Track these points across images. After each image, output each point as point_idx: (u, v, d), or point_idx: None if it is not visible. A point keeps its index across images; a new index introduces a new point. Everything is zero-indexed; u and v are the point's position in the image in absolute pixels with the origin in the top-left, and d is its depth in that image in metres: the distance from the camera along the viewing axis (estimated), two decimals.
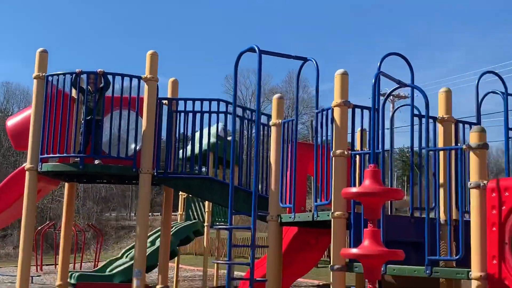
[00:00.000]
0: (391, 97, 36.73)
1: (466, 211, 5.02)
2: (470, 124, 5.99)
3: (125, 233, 42.28)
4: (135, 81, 7.12)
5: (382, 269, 4.81)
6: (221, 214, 16.38)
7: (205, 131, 8.03)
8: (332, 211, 5.34)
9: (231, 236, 5.44)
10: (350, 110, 5.62)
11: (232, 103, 6.10)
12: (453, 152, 5.29)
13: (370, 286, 3.98)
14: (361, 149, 6.39)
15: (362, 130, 6.41)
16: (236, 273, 13.09)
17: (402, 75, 5.49)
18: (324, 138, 5.76)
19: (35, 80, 7.01)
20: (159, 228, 13.16)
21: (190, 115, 7.37)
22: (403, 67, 5.59)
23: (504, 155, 5.91)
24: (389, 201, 6.15)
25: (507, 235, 4.06)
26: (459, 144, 5.62)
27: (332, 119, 5.52)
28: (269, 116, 7.08)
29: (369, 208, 4.12)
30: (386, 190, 4.11)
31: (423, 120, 5.36)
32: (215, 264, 18.04)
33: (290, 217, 6.05)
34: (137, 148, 7.02)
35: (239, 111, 7.68)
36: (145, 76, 6.99)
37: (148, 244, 10.70)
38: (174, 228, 14.42)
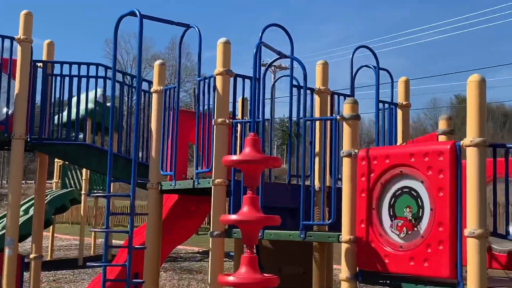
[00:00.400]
0: (273, 67, 37.48)
1: (339, 179, 5.31)
2: (345, 96, 6.28)
3: None
4: (7, 42, 6.71)
5: (260, 234, 4.98)
6: (99, 182, 16.03)
7: (83, 96, 7.76)
8: (213, 178, 5.41)
9: (109, 204, 5.36)
10: (232, 79, 5.69)
11: (111, 68, 5.93)
12: (328, 122, 5.53)
13: (248, 251, 4.11)
14: (242, 118, 6.50)
15: (244, 99, 6.51)
16: (115, 242, 12.93)
17: (283, 46, 5.63)
18: (206, 106, 5.79)
19: None
20: (33, 196, 12.67)
21: (67, 79, 7.09)
22: (284, 39, 5.73)
23: (375, 126, 6.27)
24: (268, 169, 6.35)
25: (375, 201, 4.34)
26: (334, 115, 5.88)
27: (214, 88, 5.56)
28: (150, 83, 6.98)
29: (248, 175, 4.24)
30: (265, 158, 4.24)
31: (302, 91, 5.54)
32: (93, 233, 17.69)
33: (170, 185, 6.06)
34: (9, 112, 6.66)
35: (119, 77, 7.49)
36: (18, 37, 6.60)
37: (21, 213, 10.27)
38: (49, 196, 13.92)
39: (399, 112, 6.53)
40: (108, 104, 10.01)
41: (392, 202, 4.24)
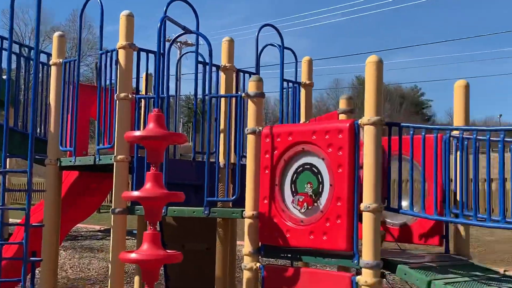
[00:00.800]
0: (178, 43, 36.99)
1: (244, 156, 5.36)
2: (250, 73, 6.32)
3: None
4: None
5: (163, 210, 4.95)
6: None
7: None
8: (115, 154, 5.31)
9: (5, 180, 5.13)
10: (135, 54, 5.57)
11: (8, 39, 5.63)
12: (233, 99, 5.56)
13: (151, 227, 4.08)
14: (146, 94, 6.39)
15: (147, 74, 6.40)
16: (12, 220, 12.40)
17: (189, 23, 5.57)
18: (108, 81, 5.64)
19: None
20: None
21: None
22: (190, 15, 5.66)
23: (279, 104, 6.38)
24: (173, 146, 6.31)
25: (277, 177, 4.44)
26: (239, 92, 5.91)
27: (117, 61, 5.42)
28: (49, 55, 6.69)
29: (151, 151, 4.19)
30: (168, 134, 4.21)
31: (207, 67, 5.53)
32: None
33: (70, 161, 5.88)
34: None
35: (15, 48, 7.12)
36: None
37: None
38: None
39: (302, 91, 6.67)
40: (4, 77, 9.51)
41: (294, 178, 4.36)
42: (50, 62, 6.15)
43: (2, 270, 5.28)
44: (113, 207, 5.29)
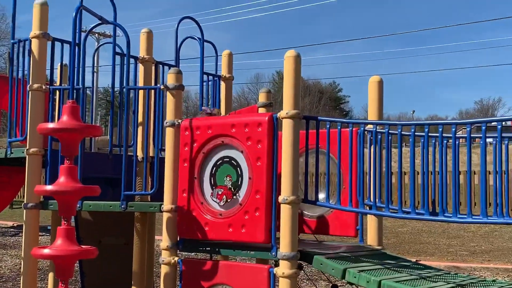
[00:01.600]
0: (96, 34, 36.07)
1: (163, 149, 5.30)
2: (169, 66, 6.25)
3: None
4: None
5: (78, 205, 4.82)
6: None
7: None
8: (27, 147, 5.11)
9: None
10: (49, 44, 5.38)
11: None
12: (152, 92, 5.48)
13: (65, 223, 3.96)
14: (61, 85, 6.19)
15: (62, 65, 6.19)
16: None
17: (107, 13, 5.43)
18: (20, 71, 5.42)
19: None
20: None
21: None
22: (108, 5, 5.52)
23: (199, 97, 6.35)
24: (90, 139, 6.15)
25: (197, 170, 4.42)
26: (158, 85, 5.83)
27: (30, 51, 5.22)
28: None
29: (66, 144, 4.07)
30: (83, 126, 4.09)
31: (125, 59, 5.41)
32: None
33: None
34: None
35: None
36: None
37: None
38: None
39: (223, 85, 6.67)
40: None
41: (213, 171, 4.35)
42: None
43: None
44: (25, 202, 5.10)
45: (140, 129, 5.64)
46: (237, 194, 4.22)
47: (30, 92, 5.16)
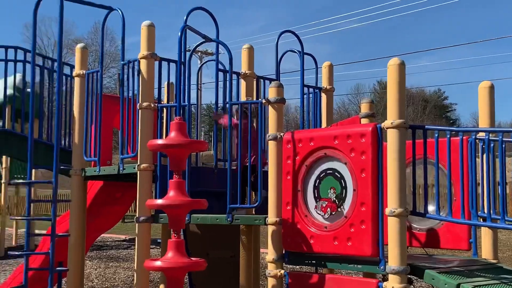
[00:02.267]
0: (199, 53, 37.20)
1: (266, 162, 5.35)
2: (270, 80, 6.32)
3: None
4: None
5: (187, 218, 4.96)
6: (20, 170, 15.49)
7: (1, 81, 7.44)
8: (138, 163, 5.33)
9: (30, 191, 5.19)
10: (157, 63, 5.61)
11: (31, 51, 5.71)
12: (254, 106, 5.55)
13: (175, 235, 4.09)
14: (168, 103, 6.43)
15: (169, 84, 6.43)
16: (38, 231, 12.54)
17: (209, 31, 5.60)
18: (130, 91, 5.69)
19: None
20: None
21: None
22: (210, 23, 5.69)
23: (300, 110, 6.36)
24: (196, 154, 6.33)
25: (300, 183, 4.42)
26: (259, 99, 5.91)
27: (139, 71, 5.46)
28: (72, 67, 6.77)
29: (174, 159, 4.20)
30: (190, 141, 4.22)
31: (227, 75, 5.53)
32: (14, 223, 17.08)
33: (95, 171, 5.92)
34: None
35: (39, 61, 7.22)
36: None
37: None
38: None
39: (323, 97, 6.65)
40: (28, 89, 9.65)
41: (316, 184, 4.33)
42: (73, 74, 6.22)
43: (29, 280, 5.32)
44: (137, 216, 5.31)
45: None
46: (342, 207, 4.16)
47: (139, 110, 5.39)
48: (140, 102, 5.40)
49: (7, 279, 8.63)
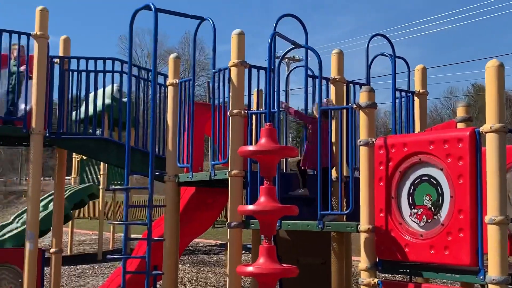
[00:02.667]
0: (286, 60, 37.32)
1: (356, 168, 5.27)
2: (360, 85, 6.23)
3: (14, 199, 40.51)
4: (23, 38, 6.74)
5: (277, 224, 4.97)
6: (116, 176, 16.14)
7: (100, 91, 7.79)
8: (229, 169, 5.41)
9: (128, 196, 5.39)
10: (246, 70, 5.68)
11: (127, 62, 5.95)
12: (344, 111, 5.50)
13: (266, 241, 4.10)
14: (257, 109, 6.49)
15: (259, 91, 6.50)
16: (134, 236, 13.00)
17: (297, 37, 5.60)
18: (221, 98, 5.79)
19: None
20: (52, 192, 12.76)
21: (83, 75, 7.12)
22: (297, 30, 5.71)
23: (391, 115, 6.23)
24: (284, 160, 6.34)
25: (393, 190, 4.32)
26: (349, 104, 5.84)
27: (229, 79, 5.55)
28: (165, 76, 6.99)
29: (265, 165, 4.23)
30: (281, 147, 4.23)
31: (317, 80, 5.51)
32: (111, 227, 17.83)
33: (187, 177, 6.07)
34: (27, 108, 6.71)
35: (134, 71, 7.51)
36: (35, 33, 6.63)
37: (41, 209, 10.36)
38: (68, 191, 14.04)
39: (416, 101, 6.48)
40: (125, 99, 10.06)
41: (411, 190, 4.22)
42: (167, 83, 6.42)
43: (126, 283, 5.52)
44: (228, 221, 5.39)
45: (333, 149, 5.68)
46: (438, 214, 4.03)
47: (230, 117, 5.48)
48: (230, 109, 5.49)
49: (105, 281, 9.01)
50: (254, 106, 6.86)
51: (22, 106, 6.77)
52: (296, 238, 6.45)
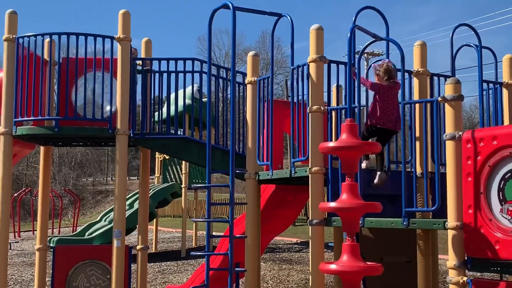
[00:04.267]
0: (365, 55, 36.73)
1: (442, 164, 5.09)
2: (445, 77, 6.02)
3: (102, 198, 42.22)
4: (107, 42, 6.98)
5: (360, 221, 4.88)
6: (197, 175, 16.46)
7: (180, 92, 7.95)
8: (310, 166, 5.37)
9: (210, 194, 5.46)
10: (325, 66, 5.61)
11: (207, 62, 6.03)
12: (428, 105, 5.33)
13: (349, 239, 4.03)
14: (337, 105, 6.40)
15: (338, 86, 6.41)
16: (215, 233, 13.20)
17: (376, 30, 5.48)
18: (300, 95, 5.75)
19: (5, 43, 6.84)
20: (137, 191, 13.19)
21: (165, 76, 7.28)
22: (377, 23, 5.57)
23: (479, 107, 5.98)
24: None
25: (482, 185, 4.14)
26: (433, 97, 5.65)
27: (308, 75, 5.50)
28: (244, 75, 7.03)
29: (346, 162, 4.16)
30: (362, 143, 4.15)
31: (399, 73, 5.36)
32: (194, 225, 18.20)
33: (268, 174, 6.08)
34: (113, 109, 6.94)
35: (214, 71, 7.60)
36: (118, 36, 6.85)
37: (127, 207, 10.72)
38: (151, 190, 14.47)
39: (505, 92, 6.19)
40: (205, 99, 10.22)
41: (501, 186, 4.03)
42: (246, 81, 6.45)
43: (210, 279, 5.59)
44: (310, 219, 5.34)
45: (417, 143, 5.52)
46: None
47: (310, 114, 5.43)
48: (310, 105, 5.44)
49: (190, 278, 9.18)
50: (333, 102, 6.78)
51: (107, 107, 7.01)
52: (380, 236, 6.32)
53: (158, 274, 12.04)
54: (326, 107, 5.52)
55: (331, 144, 4.30)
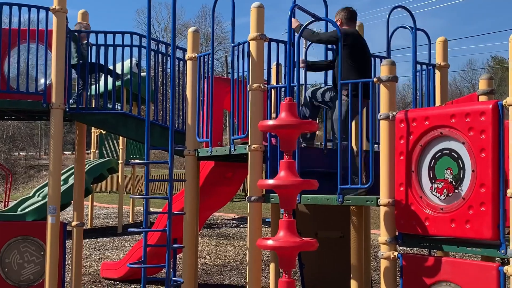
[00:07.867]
0: None
1: (376, 142, 5.25)
2: (381, 58, 6.17)
3: (35, 172, 41.11)
4: (42, 12, 6.74)
5: (297, 198, 4.98)
6: (135, 151, 16.28)
7: (118, 65, 7.80)
8: (249, 144, 5.42)
9: (148, 170, 5.42)
10: (266, 44, 5.64)
11: (146, 36, 5.93)
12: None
13: (286, 215, 4.12)
14: (277, 84, 6.46)
15: (278, 65, 6.46)
16: (152, 209, 13.13)
17: (317, 10, 5.54)
18: (240, 72, 5.76)
19: None
20: (72, 166, 12.91)
21: (102, 49, 7.12)
22: (318, 3, 5.63)
23: (412, 87, 6.17)
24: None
25: (414, 164, 4.30)
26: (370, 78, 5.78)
27: (248, 53, 5.52)
28: (184, 50, 6.97)
29: (284, 140, 4.22)
30: (301, 122, 4.21)
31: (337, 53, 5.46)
32: (131, 201, 18.03)
33: (207, 151, 6.10)
34: (47, 83, 6.75)
35: (153, 45, 7.50)
36: (53, 7, 6.63)
37: (61, 183, 10.49)
38: (87, 165, 14.21)
39: (437, 74, 6.40)
40: (143, 74, 10.07)
41: (432, 164, 4.20)
42: (186, 57, 6.41)
43: (147, 256, 5.58)
44: (248, 195, 5.41)
45: (353, 122, 5.65)
46: (459, 188, 4.01)
47: (249, 91, 5.46)
48: (250, 83, 5.47)
49: (126, 254, 9.13)
50: (273, 81, 6.84)
51: (42, 80, 6.81)
52: (315, 213, 6.47)
53: (93, 250, 11.91)
54: (266, 85, 5.56)
55: (270, 122, 4.35)
